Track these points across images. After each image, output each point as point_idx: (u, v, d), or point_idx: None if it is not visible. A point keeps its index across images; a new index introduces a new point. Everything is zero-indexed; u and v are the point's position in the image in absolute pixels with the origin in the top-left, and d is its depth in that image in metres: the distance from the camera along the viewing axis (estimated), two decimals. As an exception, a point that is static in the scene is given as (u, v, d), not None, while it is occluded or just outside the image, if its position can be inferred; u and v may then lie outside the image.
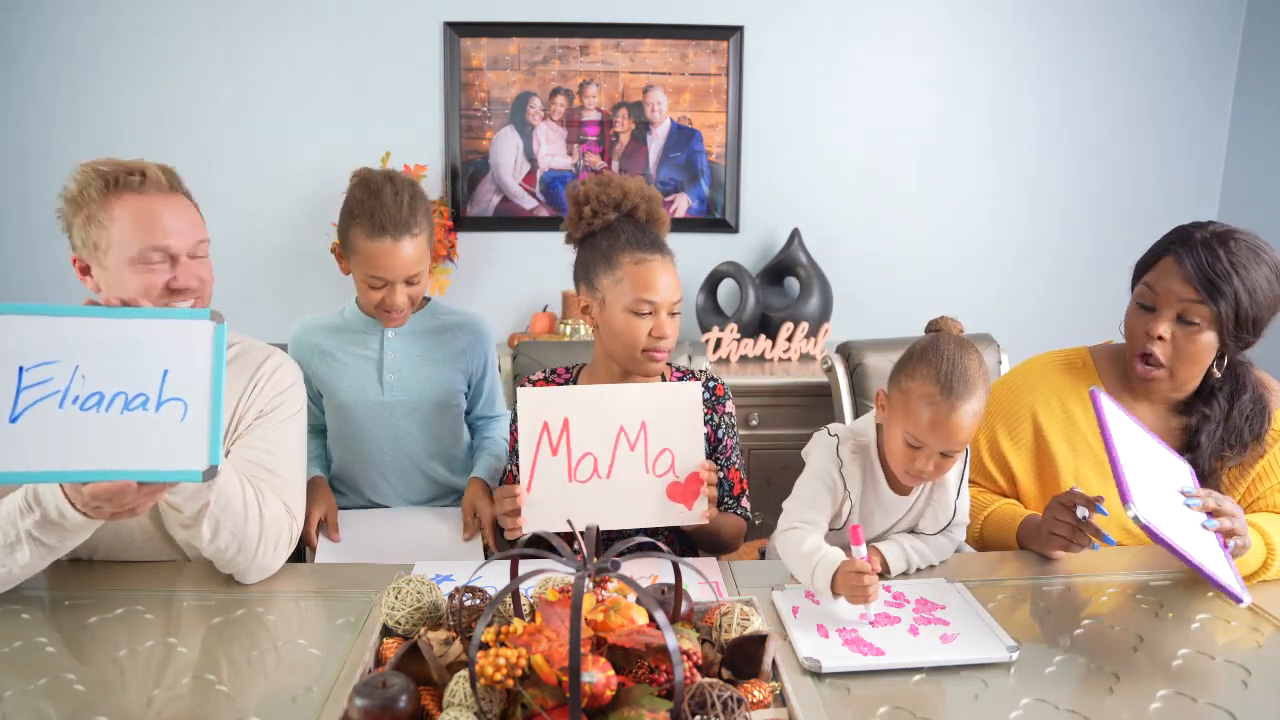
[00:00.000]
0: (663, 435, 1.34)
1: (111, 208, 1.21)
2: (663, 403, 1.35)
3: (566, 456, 1.33)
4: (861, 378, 2.10)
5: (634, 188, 1.49)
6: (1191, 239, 1.32)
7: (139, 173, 1.23)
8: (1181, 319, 1.32)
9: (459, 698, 0.85)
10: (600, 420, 1.33)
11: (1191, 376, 1.36)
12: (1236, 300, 1.28)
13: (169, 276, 1.23)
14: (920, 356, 1.22)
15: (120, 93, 2.69)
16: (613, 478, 1.33)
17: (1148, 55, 2.85)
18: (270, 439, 1.33)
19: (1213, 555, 1.16)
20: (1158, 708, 0.96)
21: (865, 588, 1.10)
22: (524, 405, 1.32)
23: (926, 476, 1.25)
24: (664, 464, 1.34)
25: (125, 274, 1.21)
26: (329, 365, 1.68)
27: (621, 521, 1.33)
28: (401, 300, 1.59)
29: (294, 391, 1.39)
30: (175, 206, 1.25)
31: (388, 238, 1.54)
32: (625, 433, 1.33)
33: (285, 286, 2.82)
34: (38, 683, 0.99)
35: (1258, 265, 1.29)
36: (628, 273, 1.42)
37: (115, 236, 1.20)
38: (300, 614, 1.18)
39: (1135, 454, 1.22)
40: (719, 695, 0.83)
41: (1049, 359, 1.54)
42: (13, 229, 2.70)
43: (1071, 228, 2.93)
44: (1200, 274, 1.29)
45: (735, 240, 2.92)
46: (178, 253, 1.24)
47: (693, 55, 2.79)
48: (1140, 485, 1.14)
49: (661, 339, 1.42)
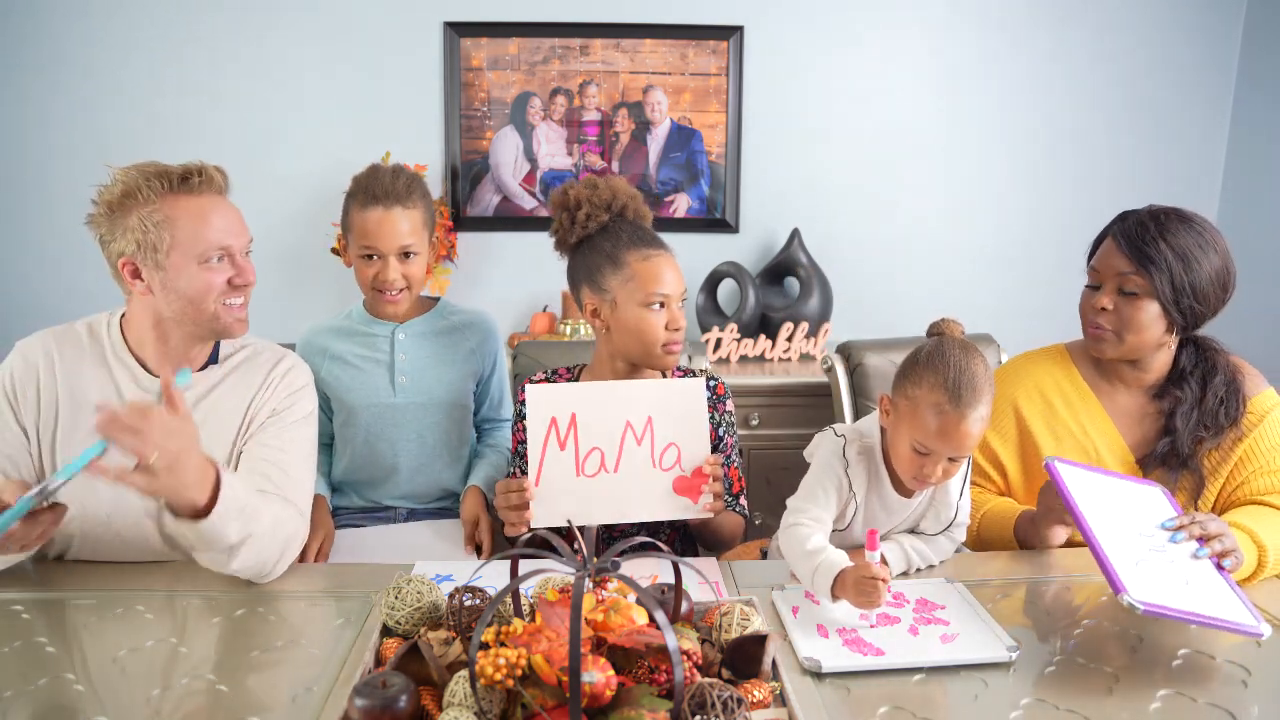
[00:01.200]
0: (669, 430, 1.34)
1: (173, 207, 1.23)
2: (668, 398, 1.35)
3: (575, 451, 1.33)
4: (861, 378, 2.10)
5: (621, 187, 1.51)
6: (1127, 219, 1.41)
7: (197, 173, 1.26)
8: (1121, 291, 1.39)
9: (459, 698, 0.85)
10: (607, 416, 1.33)
11: (1142, 344, 1.41)
12: (1169, 266, 1.34)
13: (231, 273, 1.27)
14: (926, 364, 1.21)
15: (118, 94, 2.69)
16: (620, 472, 1.33)
17: (1147, 56, 2.85)
18: (283, 437, 1.34)
19: (1219, 595, 1.14)
20: (1158, 708, 0.96)
21: (877, 593, 1.09)
22: (532, 401, 1.32)
23: (934, 481, 1.25)
24: (670, 458, 1.34)
25: (191, 272, 1.24)
26: (340, 369, 1.68)
27: (629, 515, 1.34)
28: (394, 276, 1.61)
29: (306, 393, 1.41)
30: (230, 207, 1.31)
31: (380, 206, 1.59)
32: (632, 428, 1.34)
33: (286, 287, 2.82)
34: (38, 683, 0.99)
35: (1186, 232, 1.36)
36: (636, 270, 1.44)
37: (180, 236, 1.23)
38: (300, 614, 1.18)
39: (1108, 510, 1.22)
40: (719, 695, 0.83)
41: (1026, 355, 1.60)
42: (10, 230, 2.71)
43: (1071, 227, 2.91)
44: (1131, 246, 1.37)
45: (735, 240, 2.92)
46: (236, 252, 1.28)
47: (693, 55, 2.79)
48: (1127, 565, 1.13)
49: (678, 330, 1.46)
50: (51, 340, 1.32)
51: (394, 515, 1.74)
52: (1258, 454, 1.40)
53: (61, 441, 1.29)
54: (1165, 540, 1.21)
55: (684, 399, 1.35)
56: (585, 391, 1.34)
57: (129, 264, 1.24)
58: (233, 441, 1.33)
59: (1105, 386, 1.49)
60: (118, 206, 1.22)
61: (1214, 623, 1.10)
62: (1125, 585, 1.08)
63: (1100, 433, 1.47)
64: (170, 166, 1.25)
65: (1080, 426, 1.47)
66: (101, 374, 1.31)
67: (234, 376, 1.36)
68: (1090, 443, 1.46)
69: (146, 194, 1.22)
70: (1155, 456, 1.42)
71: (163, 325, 1.29)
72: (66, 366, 1.30)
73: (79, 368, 1.31)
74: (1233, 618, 1.10)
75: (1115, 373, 1.48)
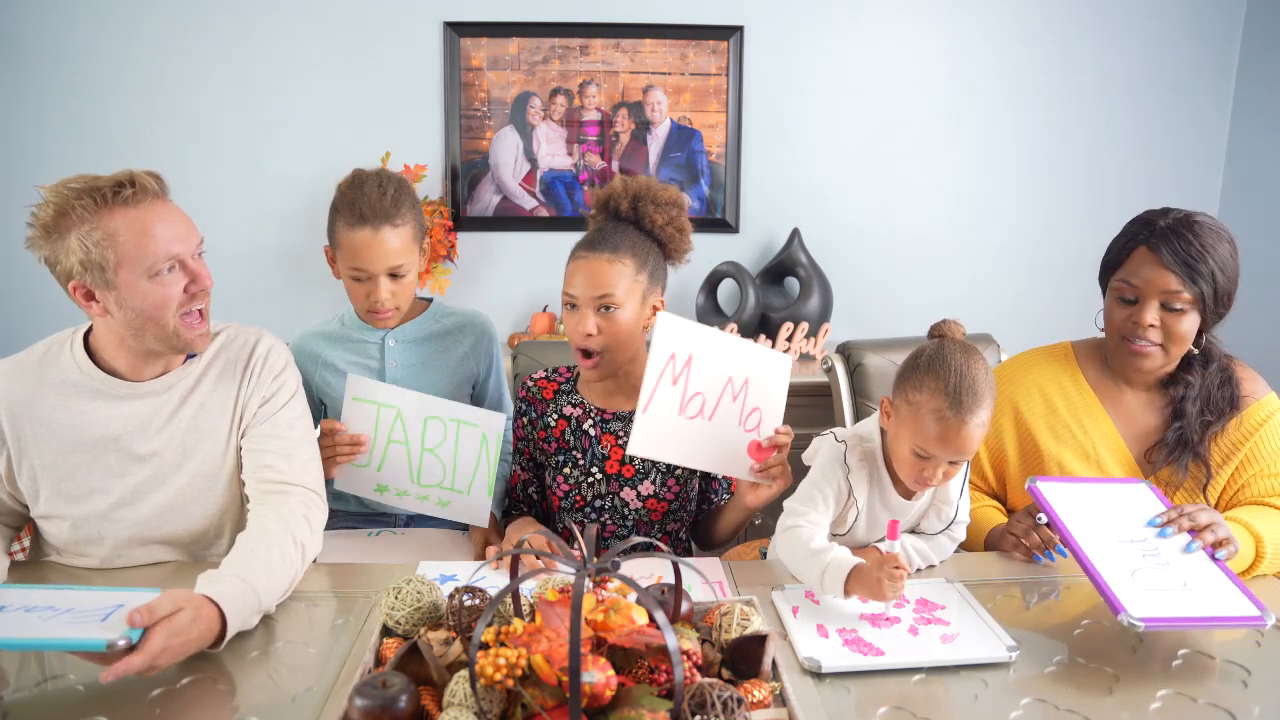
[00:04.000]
0: (758, 394, 1.40)
1: (109, 223, 1.16)
2: (764, 365, 1.40)
3: (683, 390, 1.35)
4: (861, 378, 2.10)
5: (621, 188, 1.50)
6: (1158, 228, 1.38)
7: (128, 183, 1.17)
8: (1165, 305, 1.37)
9: (459, 698, 0.85)
10: (717, 367, 1.36)
11: (1182, 352, 1.42)
12: (1214, 280, 1.34)
13: (185, 281, 1.23)
14: (927, 368, 1.21)
15: (117, 94, 2.69)
16: (714, 421, 1.37)
17: (1148, 55, 2.85)
18: (279, 424, 1.34)
19: (1219, 590, 1.14)
20: (1158, 708, 0.96)
21: (898, 583, 1.10)
22: (661, 328, 1.32)
23: (935, 483, 1.26)
24: (753, 421, 1.41)
25: (144, 288, 1.19)
26: (333, 376, 1.66)
27: (709, 465, 1.39)
28: (385, 295, 1.56)
29: (289, 372, 1.40)
30: (172, 212, 1.23)
31: (368, 227, 1.52)
32: (732, 383, 1.38)
33: (285, 287, 2.82)
34: (38, 683, 0.99)
35: (1221, 243, 1.36)
36: (566, 270, 1.47)
37: (124, 252, 1.16)
38: (300, 614, 1.18)
39: (1097, 522, 1.23)
40: (719, 695, 0.83)
41: (1029, 353, 1.59)
42: (7, 231, 2.70)
43: (1072, 227, 2.93)
44: (1179, 262, 1.34)
45: (735, 240, 2.92)
46: (186, 258, 1.23)
47: (693, 55, 2.79)
48: (1122, 579, 1.14)
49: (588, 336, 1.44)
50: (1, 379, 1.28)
51: (393, 521, 1.73)
52: (1259, 458, 1.40)
53: (35, 472, 1.26)
54: (1155, 539, 1.21)
55: (775, 369, 1.42)
56: (708, 337, 1.36)
57: (79, 287, 1.19)
58: (227, 436, 1.32)
59: (1109, 386, 1.49)
60: (53, 227, 1.16)
61: (1217, 622, 1.10)
62: (1123, 603, 1.08)
63: (1100, 433, 1.47)
64: (100, 179, 1.17)
65: (1080, 427, 1.47)
66: (63, 397, 1.26)
67: (215, 367, 1.34)
68: (1090, 442, 1.46)
69: (80, 212, 1.14)
70: (1165, 444, 1.43)
71: (128, 343, 1.25)
72: (19, 399, 1.26)
73: (36, 395, 1.26)
74: (1234, 612, 1.10)
75: (1122, 374, 1.48)
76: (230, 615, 1.06)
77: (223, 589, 1.07)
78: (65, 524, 1.27)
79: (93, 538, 1.28)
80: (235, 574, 1.11)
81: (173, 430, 1.29)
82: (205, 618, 1.03)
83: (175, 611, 0.99)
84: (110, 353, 1.28)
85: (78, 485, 1.26)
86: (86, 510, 1.27)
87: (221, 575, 1.11)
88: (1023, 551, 1.36)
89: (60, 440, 1.25)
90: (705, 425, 1.36)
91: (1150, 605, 1.09)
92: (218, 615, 1.05)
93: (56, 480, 1.26)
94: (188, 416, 1.30)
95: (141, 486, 1.28)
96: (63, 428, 1.25)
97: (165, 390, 1.29)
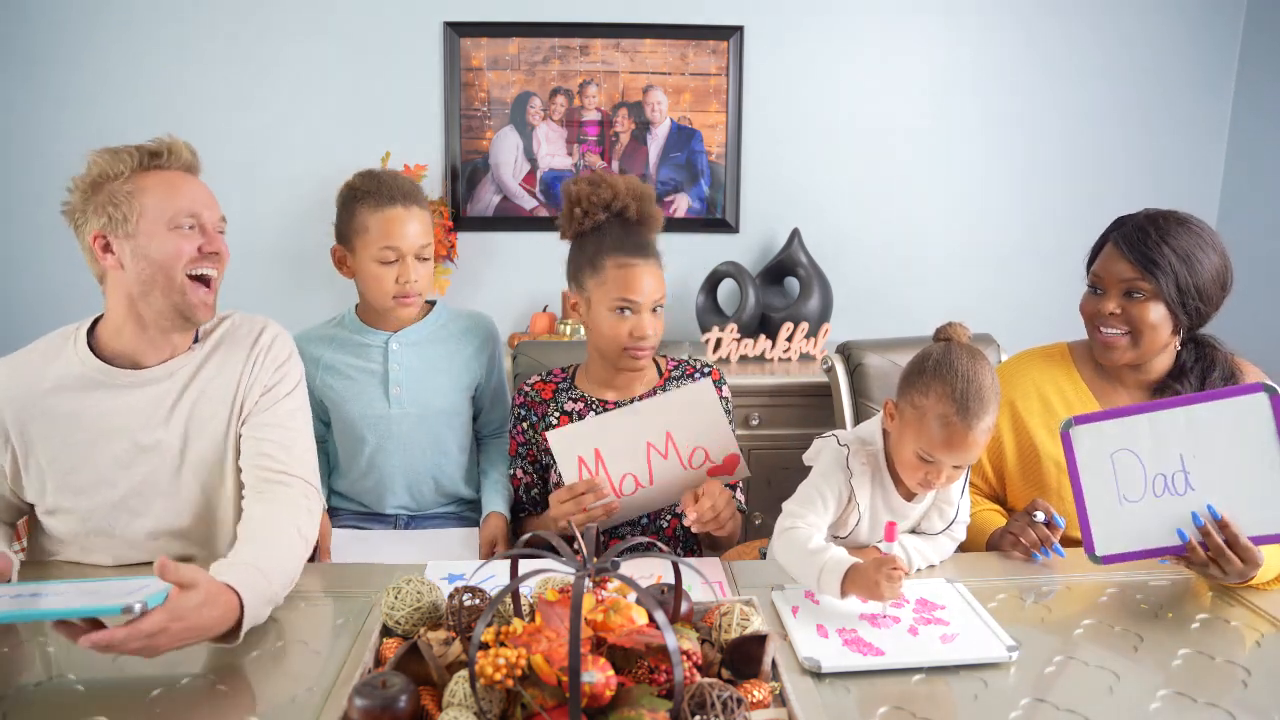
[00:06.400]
0: (690, 436, 1.41)
1: (143, 180, 1.23)
2: (681, 407, 1.40)
3: (608, 480, 1.40)
4: (862, 378, 2.10)
5: (624, 187, 1.51)
6: (1125, 224, 1.44)
7: (168, 150, 1.26)
8: (1128, 294, 1.41)
9: (459, 698, 0.85)
10: (627, 442, 1.39)
11: (1154, 344, 1.42)
12: (1173, 269, 1.37)
13: (201, 241, 1.27)
14: (934, 373, 1.21)
15: (117, 94, 2.68)
16: (655, 484, 1.42)
17: (1147, 55, 2.85)
18: (279, 414, 1.34)
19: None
20: (1158, 708, 0.96)
21: (896, 583, 1.10)
22: (556, 448, 1.38)
23: (938, 486, 1.26)
24: (699, 458, 1.42)
25: (161, 237, 1.23)
26: (334, 379, 1.65)
27: (679, 505, 1.42)
28: (416, 274, 1.58)
29: (293, 362, 1.41)
30: (201, 184, 1.30)
31: (399, 205, 1.56)
32: (654, 446, 1.40)
33: (285, 287, 2.82)
34: (38, 683, 0.99)
35: (1185, 234, 1.38)
36: (610, 275, 1.47)
37: (148, 203, 1.22)
38: (300, 614, 1.18)
39: (1133, 454, 1.24)
40: (719, 695, 0.83)
41: (1027, 353, 1.60)
42: (13, 229, 2.71)
43: (1071, 227, 2.93)
44: (1134, 251, 1.39)
45: (735, 240, 2.92)
46: (207, 222, 1.28)
47: (693, 55, 2.79)
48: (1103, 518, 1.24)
49: (643, 339, 1.47)
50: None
51: (394, 522, 1.72)
52: None
53: (41, 468, 1.26)
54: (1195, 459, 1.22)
55: (696, 403, 1.40)
56: (601, 426, 1.39)
57: (99, 237, 1.23)
58: (227, 422, 1.32)
59: (1105, 388, 1.50)
60: (90, 188, 1.23)
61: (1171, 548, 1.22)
62: (1094, 543, 1.20)
63: None
64: (142, 145, 1.25)
65: None
66: (67, 390, 1.26)
67: (218, 354, 1.34)
68: None
69: (114, 172, 1.22)
70: None
71: (136, 309, 1.26)
72: (22, 395, 1.26)
73: (39, 391, 1.26)
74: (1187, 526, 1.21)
75: (1116, 375, 1.49)
76: (248, 602, 1.04)
77: (240, 576, 1.06)
78: (73, 517, 1.27)
79: (102, 529, 1.28)
80: (249, 562, 1.11)
81: (176, 419, 1.29)
82: (221, 604, 1.01)
83: (188, 588, 0.96)
84: (116, 329, 1.28)
85: (85, 478, 1.27)
86: (95, 501, 1.27)
87: (235, 563, 1.10)
88: (1021, 549, 1.36)
89: (65, 433, 1.26)
90: (649, 491, 1.42)
91: (1116, 543, 1.21)
92: (235, 603, 1.03)
93: (63, 473, 1.26)
94: (189, 404, 1.30)
95: (148, 475, 1.28)
96: (67, 420, 1.25)
97: (168, 377, 1.29)
